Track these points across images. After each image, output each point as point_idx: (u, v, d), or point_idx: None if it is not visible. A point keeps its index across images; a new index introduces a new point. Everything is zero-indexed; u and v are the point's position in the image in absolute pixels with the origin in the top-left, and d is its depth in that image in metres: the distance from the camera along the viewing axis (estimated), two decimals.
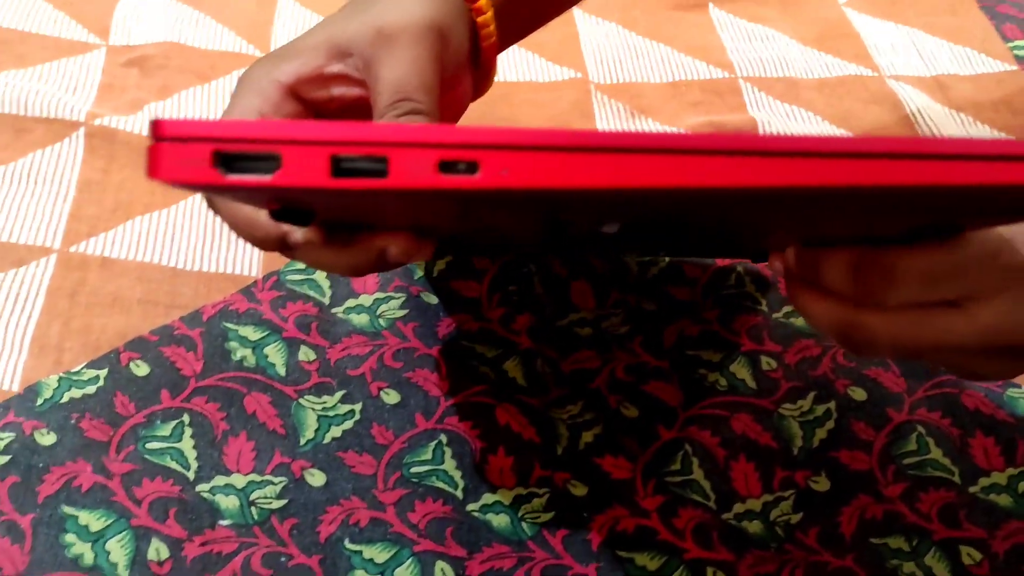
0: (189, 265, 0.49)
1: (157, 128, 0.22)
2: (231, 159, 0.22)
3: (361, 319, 0.48)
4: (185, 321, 0.47)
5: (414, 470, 0.42)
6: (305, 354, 0.46)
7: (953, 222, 0.28)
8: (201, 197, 0.49)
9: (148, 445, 0.42)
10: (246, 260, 0.50)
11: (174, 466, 0.42)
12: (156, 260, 0.49)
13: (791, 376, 0.47)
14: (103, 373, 0.44)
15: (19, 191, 0.52)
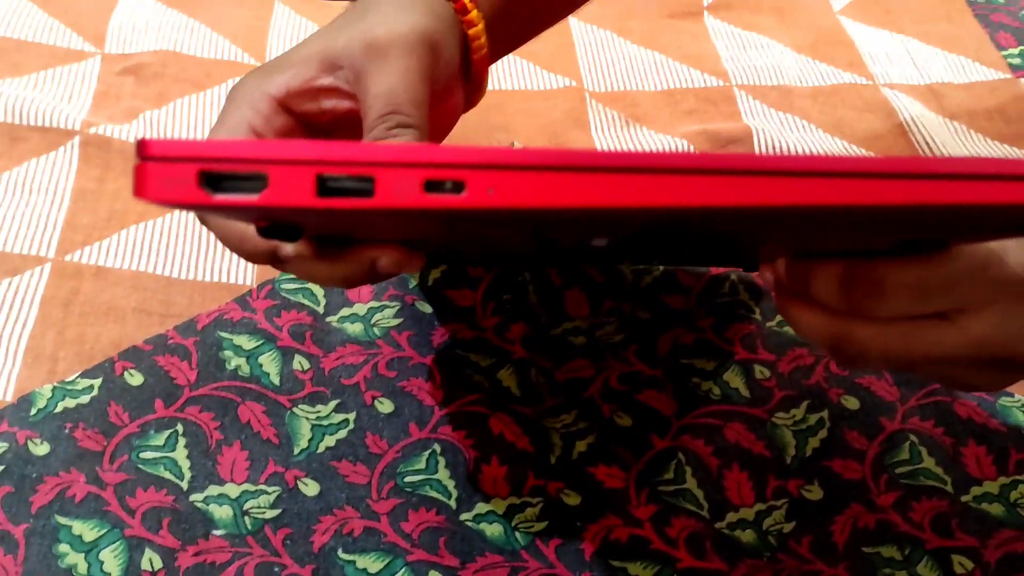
0: (184, 274, 0.50)
1: (143, 148, 0.22)
2: (217, 179, 0.22)
3: (355, 328, 0.48)
4: (179, 330, 0.47)
5: (408, 479, 0.43)
6: (299, 363, 0.46)
7: (942, 238, 0.28)
8: None
9: (142, 455, 0.42)
10: (241, 269, 0.50)
11: (168, 476, 0.42)
12: (150, 269, 0.49)
13: (784, 385, 0.47)
14: (97, 383, 0.44)
15: (14, 200, 0.52)
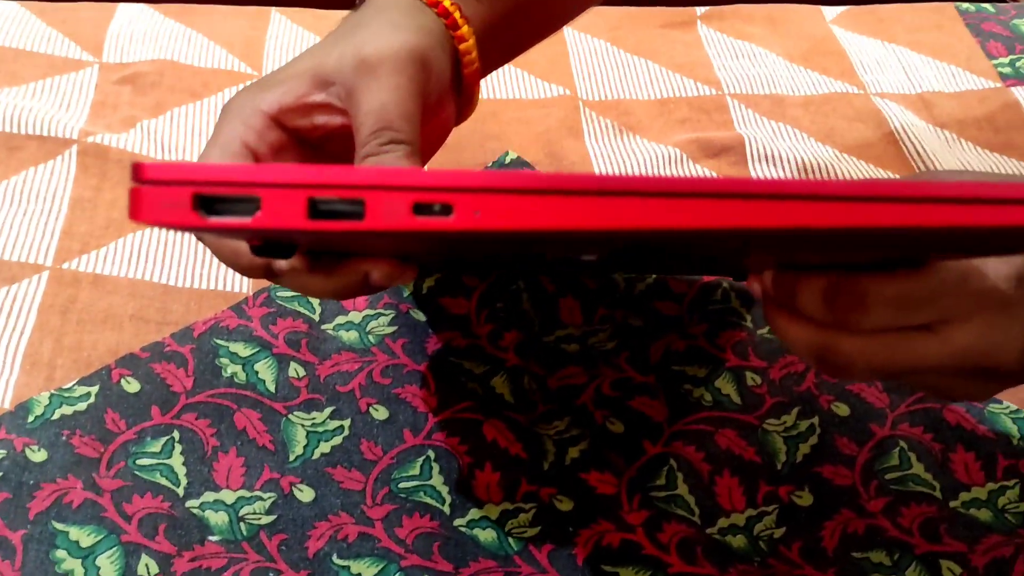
0: (180, 282, 0.50)
1: (139, 172, 0.22)
2: (211, 202, 0.22)
3: (351, 336, 0.48)
4: (176, 338, 0.47)
5: (402, 485, 0.43)
6: (295, 370, 0.46)
7: (923, 256, 0.29)
8: None
9: (138, 461, 0.43)
10: (237, 277, 0.50)
11: (164, 482, 0.42)
12: (147, 277, 0.50)
13: (775, 392, 0.47)
14: (94, 390, 0.45)
15: (11, 208, 0.52)
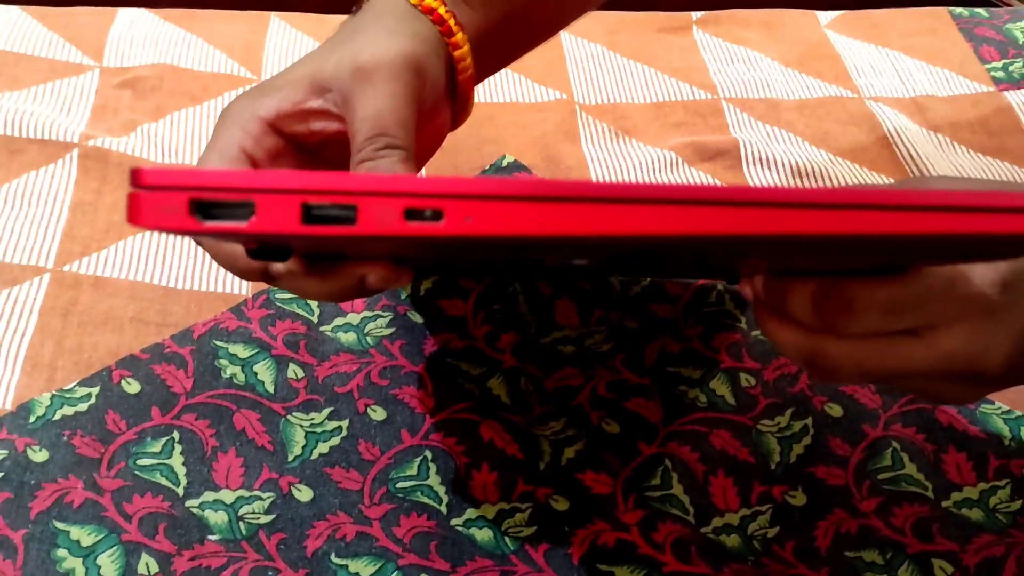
0: (180, 284, 0.50)
1: (137, 177, 0.23)
2: (207, 206, 0.23)
3: (349, 337, 0.49)
4: (176, 339, 0.48)
5: (399, 485, 0.43)
6: (293, 372, 0.47)
7: (910, 263, 0.29)
8: None
9: (139, 461, 0.43)
10: (236, 279, 0.51)
11: (164, 482, 0.42)
12: (148, 279, 0.50)
13: (769, 393, 0.48)
14: (95, 391, 0.45)
15: (13, 211, 0.53)
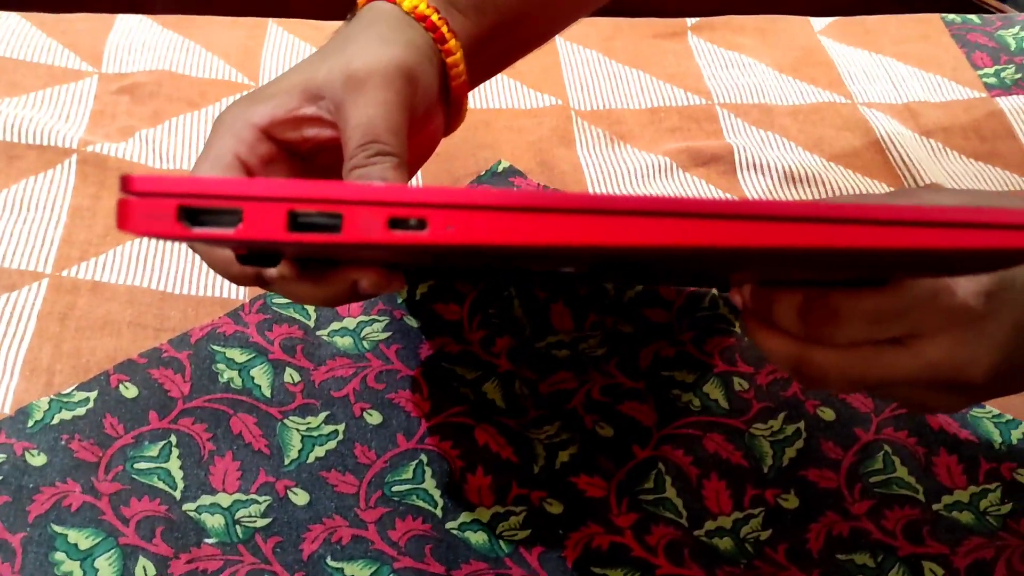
0: (178, 289, 0.51)
1: (127, 183, 0.23)
2: (196, 213, 0.23)
3: (345, 341, 0.49)
4: (173, 344, 0.48)
5: (395, 489, 0.44)
6: (290, 376, 0.47)
7: (894, 276, 0.30)
8: None
9: (136, 465, 0.43)
10: (233, 284, 0.51)
11: (161, 486, 0.43)
12: (146, 284, 0.51)
13: (762, 396, 0.48)
14: (93, 395, 0.46)
15: (11, 217, 0.53)
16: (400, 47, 0.36)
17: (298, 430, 0.45)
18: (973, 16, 0.75)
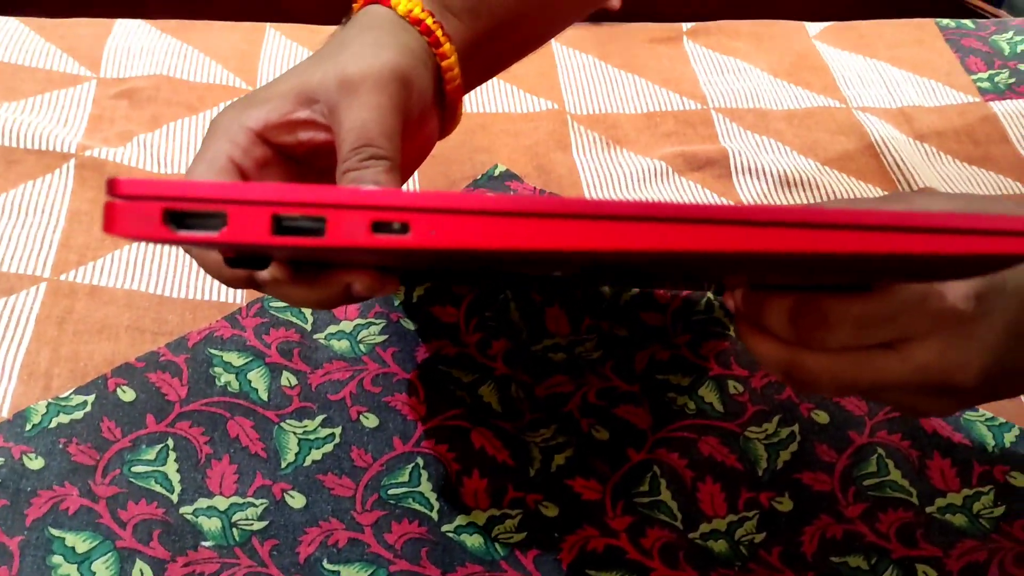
0: (175, 292, 0.51)
1: (113, 187, 0.23)
2: (181, 216, 0.23)
3: (342, 345, 0.49)
4: (171, 347, 0.48)
5: (391, 492, 0.44)
6: (287, 379, 0.48)
7: (880, 280, 0.30)
8: None
9: (133, 469, 0.44)
10: (231, 288, 0.51)
11: (158, 489, 0.43)
12: (143, 288, 0.51)
13: (757, 400, 0.49)
14: (90, 399, 0.46)
15: (10, 221, 0.53)
16: (394, 51, 0.37)
17: (295, 433, 0.46)
18: (967, 21, 0.76)
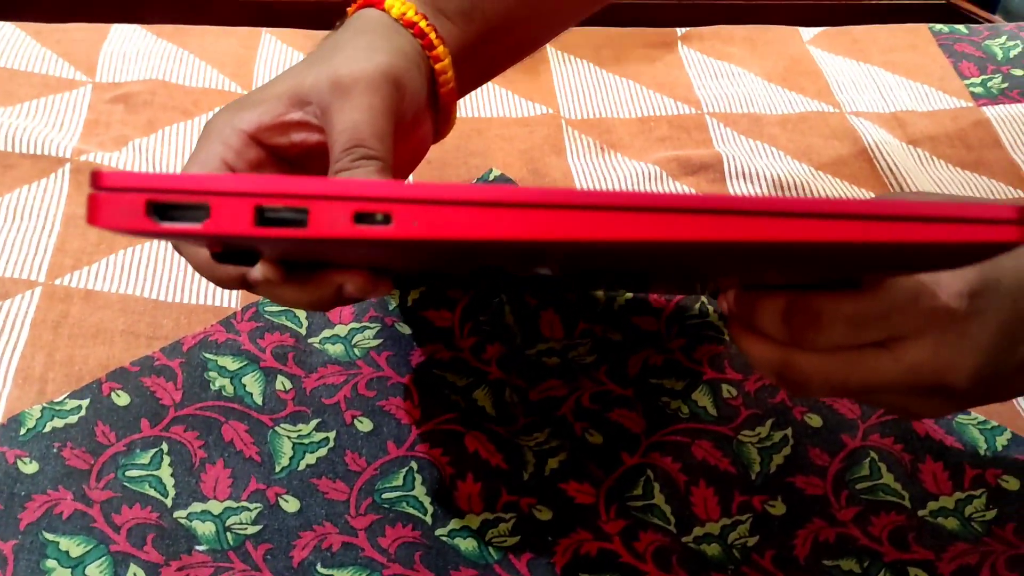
0: (170, 297, 0.51)
1: (96, 179, 0.23)
2: (164, 208, 0.23)
3: (336, 349, 0.49)
4: (165, 352, 0.48)
5: (385, 496, 0.44)
6: (282, 383, 0.48)
7: (866, 273, 0.30)
8: None
9: (128, 473, 0.44)
10: (226, 292, 0.52)
11: (152, 493, 0.43)
12: (138, 292, 0.51)
13: (750, 404, 0.49)
14: (85, 403, 0.46)
15: (5, 225, 0.53)
16: (387, 53, 0.37)
17: (289, 437, 0.46)
18: (960, 26, 0.76)
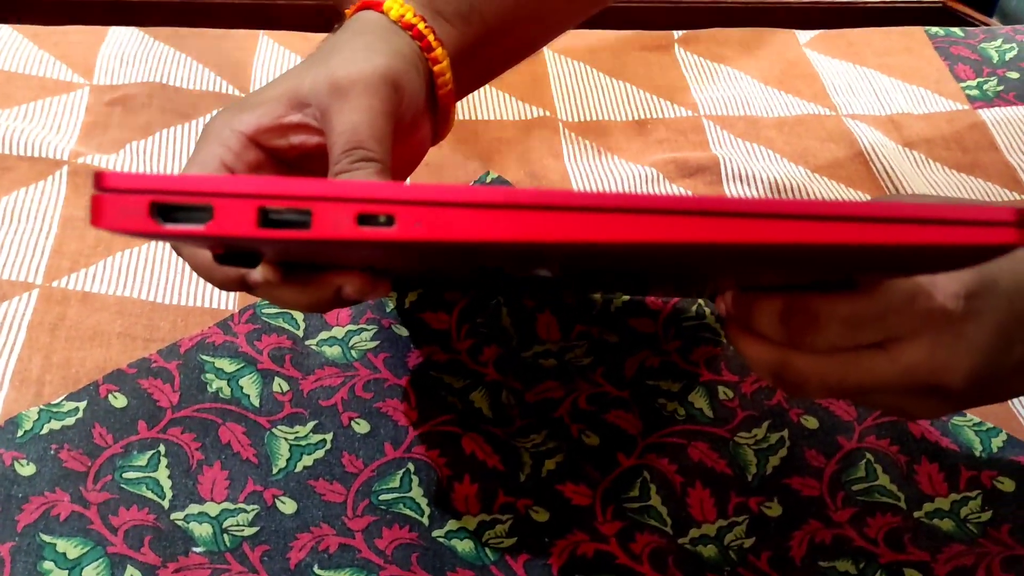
0: (167, 299, 0.51)
1: (100, 180, 0.23)
2: (167, 210, 0.23)
3: (334, 351, 0.49)
4: (162, 354, 0.48)
5: (382, 497, 0.44)
6: (279, 385, 0.48)
7: (870, 274, 0.30)
8: None
9: (125, 475, 0.44)
10: (223, 294, 0.52)
11: (150, 495, 0.43)
12: (135, 295, 0.51)
13: (747, 405, 0.49)
14: (82, 405, 0.46)
15: (2, 227, 0.53)
16: (386, 55, 0.37)
17: (286, 439, 0.46)
18: (956, 29, 0.76)
